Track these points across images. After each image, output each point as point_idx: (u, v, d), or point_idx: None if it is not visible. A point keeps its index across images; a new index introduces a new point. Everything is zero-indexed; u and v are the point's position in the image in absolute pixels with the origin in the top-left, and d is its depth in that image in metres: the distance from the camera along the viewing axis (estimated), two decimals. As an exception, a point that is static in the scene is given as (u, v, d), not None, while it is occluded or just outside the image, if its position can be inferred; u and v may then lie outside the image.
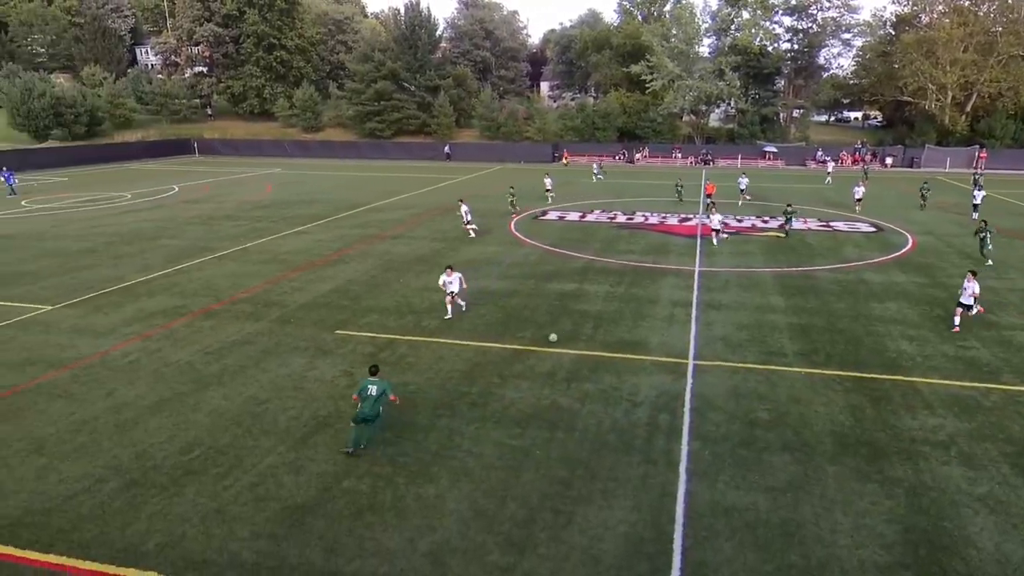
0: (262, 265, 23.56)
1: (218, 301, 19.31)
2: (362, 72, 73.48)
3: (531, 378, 14.01)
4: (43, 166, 58.06)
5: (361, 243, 27.13)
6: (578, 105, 73.39)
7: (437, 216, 33.12)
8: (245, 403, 12.87)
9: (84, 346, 15.86)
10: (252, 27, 76.54)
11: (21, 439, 11.64)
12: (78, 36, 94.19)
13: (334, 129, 78.53)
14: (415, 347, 15.64)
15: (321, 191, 43.55)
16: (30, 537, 9.11)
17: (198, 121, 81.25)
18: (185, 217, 33.31)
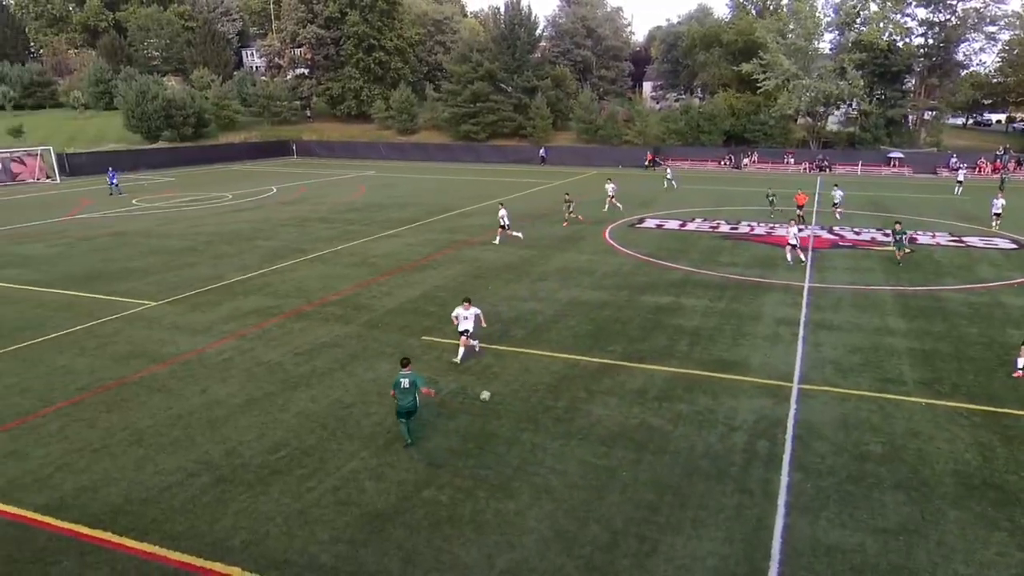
0: (352, 268, 24.49)
1: (309, 303, 20.24)
2: (459, 73, 75.08)
3: (620, 395, 13.91)
4: (153, 166, 62.69)
5: (450, 248, 27.71)
6: (682, 107, 72.16)
7: (528, 222, 33.35)
8: (331, 406, 13.44)
9: (183, 342, 17.02)
10: (353, 28, 79.73)
11: (124, 429, 12.63)
12: (190, 40, 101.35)
13: (429, 131, 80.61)
14: (501, 357, 15.84)
15: (413, 194, 44.78)
16: (127, 524, 9.87)
17: (297, 123, 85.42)
18: (280, 218, 35.10)
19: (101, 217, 36.54)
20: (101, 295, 21.27)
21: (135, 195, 45.02)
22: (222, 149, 72.14)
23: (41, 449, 11.98)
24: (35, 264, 25.59)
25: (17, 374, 15.23)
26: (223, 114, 79.12)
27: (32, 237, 30.87)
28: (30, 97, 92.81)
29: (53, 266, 25.17)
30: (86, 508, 10.25)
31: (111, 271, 24.35)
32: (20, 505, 10.33)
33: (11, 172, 53.38)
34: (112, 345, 16.90)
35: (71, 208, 39.66)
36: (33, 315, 19.43)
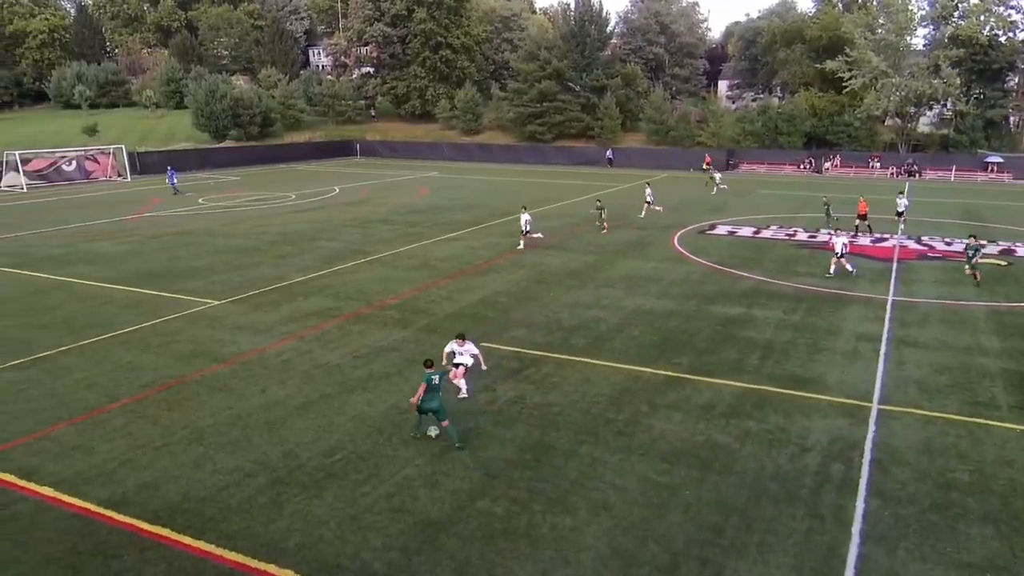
0: (412, 271, 24.90)
1: (368, 305, 20.69)
2: (526, 71, 75.29)
3: (685, 410, 13.75)
4: (220, 165, 65.17)
5: (512, 252, 27.87)
6: (760, 107, 70.69)
7: (592, 227, 33.28)
8: (387, 411, 13.71)
9: (244, 342, 17.64)
10: (420, 26, 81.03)
11: (185, 427, 13.18)
12: (258, 39, 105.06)
13: (493, 132, 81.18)
14: (561, 366, 15.86)
15: (476, 196, 45.19)
16: (185, 522, 10.29)
17: (361, 122, 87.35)
18: (342, 219, 35.98)
19: (169, 216, 38.21)
20: (166, 293, 22.25)
21: (201, 194, 46.88)
22: (287, 149, 74.41)
23: (106, 444, 12.61)
24: (105, 261, 26.94)
25: (86, 369, 16.07)
26: (289, 113, 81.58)
27: (103, 235, 32.52)
28: (105, 96, 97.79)
29: (122, 263, 26.44)
30: (147, 504, 10.73)
31: (177, 269, 25.43)
32: (85, 498, 10.89)
33: (85, 170, 56.36)
34: (175, 343, 17.66)
35: (141, 206, 41.59)
36: (102, 312, 20.46)
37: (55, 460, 12.03)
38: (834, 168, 63.36)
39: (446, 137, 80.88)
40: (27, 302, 21.67)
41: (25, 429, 13.18)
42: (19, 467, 11.79)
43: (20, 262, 26.98)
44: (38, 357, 16.85)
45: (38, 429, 13.18)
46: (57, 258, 27.63)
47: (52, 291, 22.87)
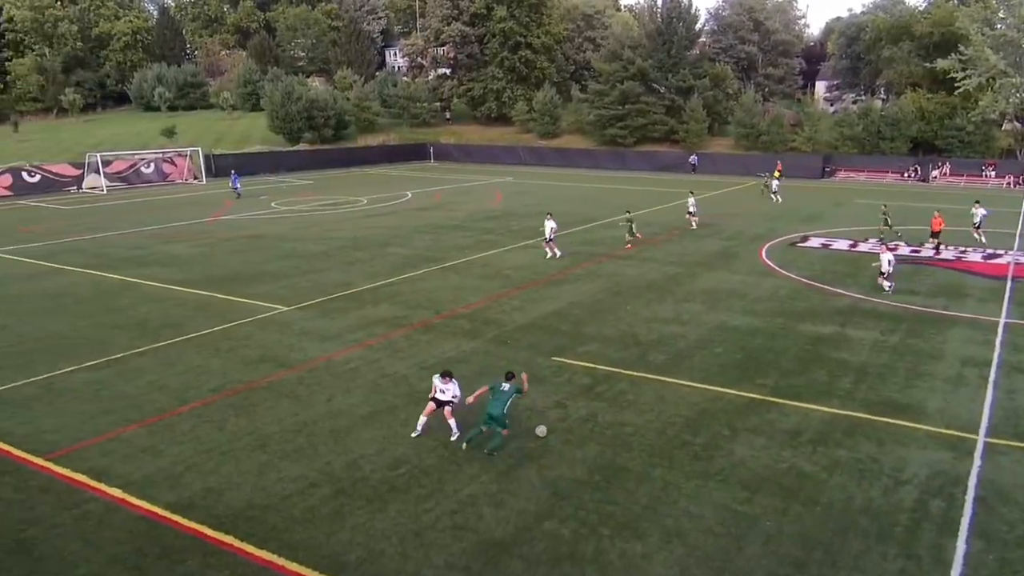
0: (484, 280, 25.19)
1: (438, 314, 21.06)
2: (608, 72, 74.77)
3: (769, 435, 13.47)
4: (293, 168, 67.43)
5: (589, 262, 27.86)
6: (861, 109, 68.06)
7: (675, 236, 32.94)
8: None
9: (311, 349, 18.23)
10: (499, 25, 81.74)
11: (250, 434, 13.72)
12: (335, 39, 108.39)
13: (572, 135, 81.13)
14: (637, 384, 15.79)
15: (552, 203, 45.17)
16: (248, 530, 10.72)
17: (436, 125, 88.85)
18: (414, 225, 36.71)
19: (241, 219, 39.82)
20: (237, 297, 23.20)
21: (274, 198, 48.63)
22: (360, 152, 76.34)
23: (175, 447, 13.25)
24: (179, 263, 28.30)
25: (157, 372, 16.92)
26: (363, 116, 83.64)
27: (178, 237, 34.18)
28: (183, 98, 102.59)
29: (195, 266, 27.71)
30: (211, 510, 11.22)
31: (247, 273, 26.48)
32: (152, 501, 11.46)
33: (163, 172, 59.31)
34: (244, 348, 18.39)
35: (215, 209, 43.49)
36: (175, 314, 21.51)
37: (125, 461, 12.72)
38: (943, 176, 60.70)
39: (522, 141, 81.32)
40: (103, 302, 22.97)
41: (98, 429, 13.99)
42: (91, 467, 12.52)
43: (99, 263, 28.63)
44: (112, 358, 17.83)
45: (110, 430, 13.96)
46: (134, 259, 29.18)
47: (127, 292, 24.18)
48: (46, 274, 27.03)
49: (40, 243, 33.11)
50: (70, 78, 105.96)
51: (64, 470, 12.45)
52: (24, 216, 42.28)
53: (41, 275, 26.88)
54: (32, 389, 16.00)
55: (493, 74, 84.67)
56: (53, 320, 21.14)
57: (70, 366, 17.32)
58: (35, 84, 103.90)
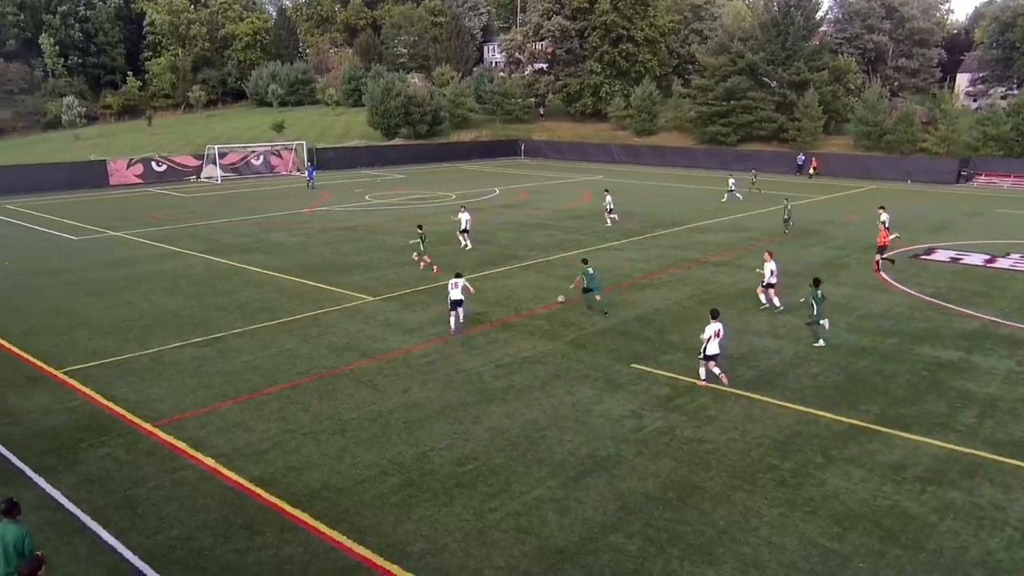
0: (566, 280, 24.74)
1: (516, 313, 21.05)
2: (714, 66, 71.88)
3: (869, 467, 12.40)
4: (389, 162, 68.79)
5: (677, 267, 27.02)
6: (1013, 105, 59.53)
7: (775, 242, 31.78)
8: (524, 426, 13.86)
9: (392, 340, 18.57)
10: (601, 18, 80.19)
11: (331, 418, 14.10)
12: (436, 36, 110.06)
13: (669, 133, 78.89)
14: (721, 398, 15.16)
15: (642, 203, 44.24)
16: (322, 509, 11.02)
17: (529, 121, 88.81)
18: (499, 222, 36.80)
19: (337, 211, 40.93)
20: (328, 286, 23.89)
21: (369, 191, 49.74)
22: (452, 147, 77.17)
23: (263, 424, 13.79)
24: (279, 251, 29.35)
25: (252, 352, 17.66)
26: (458, 112, 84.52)
27: (279, 226, 35.45)
28: (293, 94, 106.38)
29: (293, 254, 28.70)
30: (290, 487, 11.61)
31: (339, 263, 27.22)
32: (240, 473, 12.00)
33: (270, 164, 61.57)
34: (331, 335, 18.93)
35: (314, 201, 44.82)
36: (272, 299, 22.36)
37: (219, 434, 13.39)
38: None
39: (617, 138, 79.87)
40: (211, 285, 24.17)
41: (198, 402, 14.80)
42: (190, 437, 13.29)
43: (210, 248, 30.09)
44: (214, 337, 18.76)
45: (208, 404, 14.74)
46: (240, 246, 30.46)
47: (232, 276, 25.32)
48: (166, 256, 28.63)
49: (162, 227, 35.02)
50: (197, 76, 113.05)
51: (168, 437, 13.29)
52: (151, 202, 44.79)
53: (162, 257, 28.52)
54: (146, 360, 17.17)
55: (591, 69, 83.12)
56: (169, 298, 22.53)
57: (179, 341, 18.44)
58: (168, 82, 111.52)
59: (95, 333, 19.27)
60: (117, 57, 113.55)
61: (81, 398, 15.11)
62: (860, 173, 60.46)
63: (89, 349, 18.01)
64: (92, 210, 41.21)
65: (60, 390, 15.55)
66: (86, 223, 36.41)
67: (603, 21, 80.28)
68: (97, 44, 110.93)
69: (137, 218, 37.93)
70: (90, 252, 29.67)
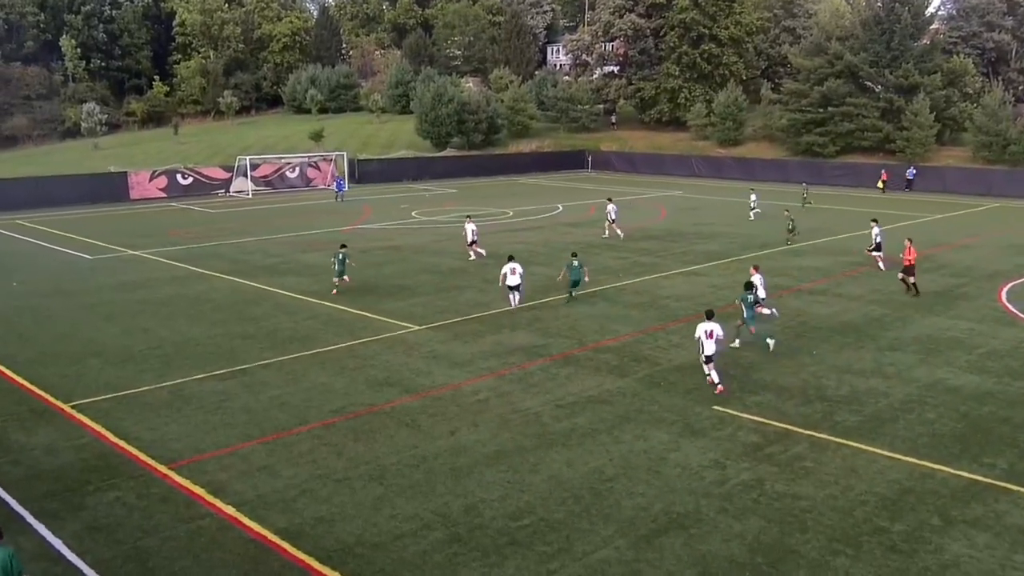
0: (637, 309, 24.75)
1: (581, 346, 20.86)
2: (809, 68, 71.53)
3: (996, 531, 11.88)
4: (438, 176, 69.65)
5: (768, 295, 26.56)
6: None
7: (869, 271, 30.91)
8: (588, 475, 13.62)
9: (439, 374, 18.56)
10: (680, 15, 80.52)
11: (368, 463, 14.09)
12: (494, 36, 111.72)
13: (757, 143, 78.37)
14: (819, 448, 14.72)
15: (726, 222, 43.82)
16: (355, 568, 10.92)
17: (597, 130, 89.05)
18: (562, 242, 36.72)
19: (380, 229, 41.53)
20: (368, 312, 24.12)
21: (416, 206, 50.37)
22: (510, 159, 77.84)
23: (291, 469, 13.84)
24: (314, 273, 29.85)
25: (281, 387, 17.86)
26: (517, 119, 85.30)
27: (315, 245, 36.07)
28: (334, 100, 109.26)
29: (329, 277, 28.98)
30: (320, 541, 11.56)
31: (381, 287, 27.56)
32: (263, 524, 12.02)
33: (307, 177, 63.09)
34: (369, 368, 19.03)
35: (354, 218, 45.62)
36: (305, 327, 22.67)
37: (242, 479, 13.48)
38: None
39: (697, 149, 79.41)
40: (238, 310, 24.68)
41: (219, 442, 14.98)
42: (209, 481, 13.40)
43: (238, 269, 30.83)
44: (239, 369, 19.06)
45: (230, 444, 14.90)
46: (270, 267, 31.10)
47: (261, 301, 25.82)
48: (189, 278, 29.42)
49: (186, 246, 36.10)
50: (229, 80, 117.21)
51: (184, 481, 13.43)
52: (174, 218, 46.26)
53: (185, 279, 29.32)
54: (164, 394, 17.53)
55: (668, 71, 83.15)
56: (191, 325, 23.06)
57: (200, 373, 18.78)
58: (197, 87, 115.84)
59: (108, 363, 19.77)
60: (143, 60, 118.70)
61: (90, 435, 15.43)
62: (980, 189, 59.44)
63: (100, 380, 18.46)
64: (110, 226, 42.76)
65: (67, 426, 15.93)
66: (103, 241, 37.74)
67: (682, 19, 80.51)
68: (122, 46, 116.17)
69: (159, 235, 39.16)
70: (106, 273, 30.67)
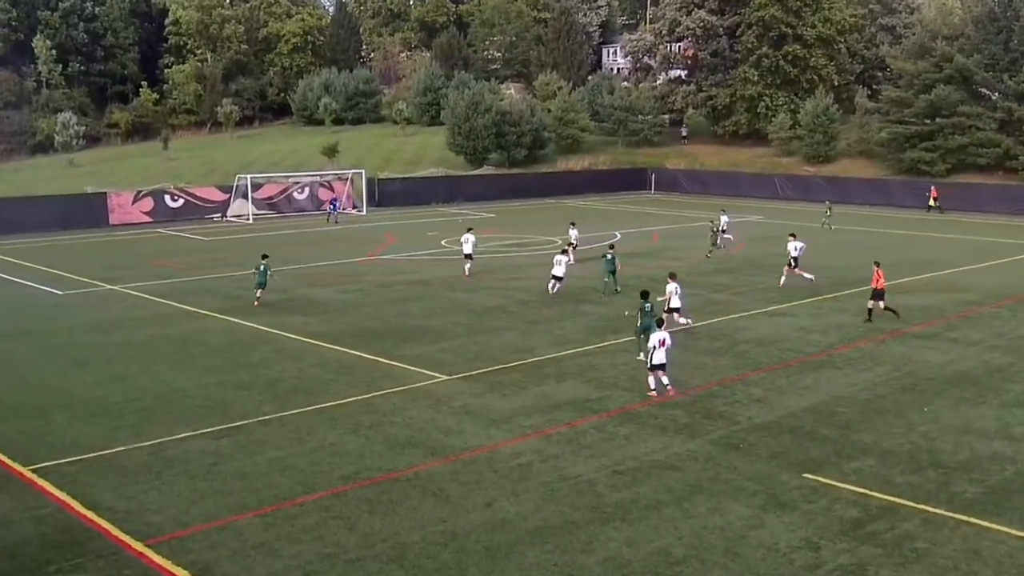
0: (711, 356, 24.55)
1: (642, 400, 20.64)
2: (912, 72, 71.60)
3: None
4: (474, 197, 70.21)
5: (866, 339, 26.56)
6: None
7: (1006, 307, 30.28)
8: (652, 557, 13.38)
9: (472, 433, 18.42)
10: (758, 12, 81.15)
11: (386, 540, 13.91)
12: (540, 36, 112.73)
13: (852, 160, 78.19)
14: (934, 526, 14.40)
15: (816, 253, 43.25)
16: (369, 674, 10.72)
17: (662, 144, 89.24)
18: (621, 275, 36.50)
19: (404, 260, 41.82)
20: (388, 359, 24.15)
21: (445, 234, 50.58)
22: (559, 178, 78.27)
23: (292, 547, 13.70)
24: (324, 312, 30.10)
25: (282, 447, 17.80)
26: (566, 132, 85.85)
27: (326, 279, 36.50)
28: (351, 109, 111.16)
29: (342, 316, 29.31)
30: (327, 641, 11.39)
31: (404, 329, 27.65)
32: (259, 618, 11.88)
33: (318, 199, 63.91)
34: (389, 425, 18.95)
35: (373, 246, 46.12)
36: (312, 375, 22.71)
37: (233, 559, 13.34)
38: None
39: (781, 167, 79.28)
40: (233, 356, 24.84)
41: (207, 513, 14.87)
42: (194, 561, 13.25)
43: (234, 307, 31.17)
44: (233, 426, 19.06)
45: (221, 516, 14.78)
46: (272, 305, 31.35)
47: (260, 345, 25.99)
48: (176, 317, 29.81)
49: (174, 279, 36.72)
50: (229, 87, 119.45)
51: (164, 561, 13.29)
52: (160, 247, 47.16)
53: (171, 318, 29.71)
54: (142, 455, 17.48)
55: (745, 76, 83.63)
56: (177, 373, 23.22)
57: (187, 430, 18.77)
58: (192, 94, 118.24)
59: (77, 417, 19.83)
60: (129, 63, 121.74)
61: (53, 504, 15.40)
62: None
63: (68, 439, 18.48)
64: (85, 256, 43.69)
65: (26, 493, 15.90)
66: (76, 273, 38.43)
67: (761, 17, 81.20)
68: (105, 47, 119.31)
69: (142, 267, 39.88)
70: (77, 310, 31.18)
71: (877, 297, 28.44)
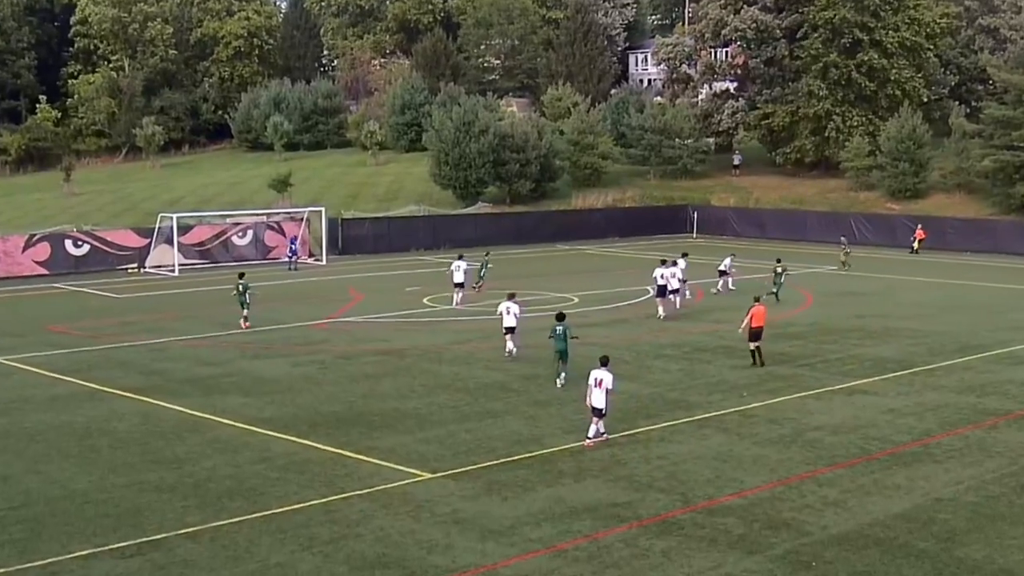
0: (773, 447, 24.49)
1: (685, 505, 20.45)
2: (1020, 86, 72.41)
3: None
4: (464, 243, 69.68)
5: (973, 425, 26.51)
6: None
7: None
8: None
9: (463, 549, 18.07)
10: (824, 12, 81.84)
11: None
12: (550, 39, 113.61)
13: (948, 195, 78.86)
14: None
15: (902, 313, 43.63)
16: None
17: (705, 175, 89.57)
18: (653, 343, 36.97)
19: (373, 323, 41.82)
20: (352, 452, 23.90)
21: (429, 290, 50.49)
22: (574, 218, 78.71)
23: None
24: (270, 391, 29.90)
25: (213, 569, 17.33)
26: (584, 159, 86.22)
27: (274, 348, 36.44)
28: (308, 131, 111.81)
29: (293, 397, 29.08)
30: None
31: (373, 412, 27.47)
32: None
33: (265, 246, 64.11)
34: (354, 539, 18.59)
35: (335, 305, 46.11)
36: (251, 473, 22.41)
37: None
38: None
39: (857, 203, 79.75)
40: (150, 448, 24.50)
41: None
42: None
43: (153, 384, 30.98)
44: (148, 540, 18.57)
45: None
46: (204, 381, 31.29)
47: (187, 434, 25.70)
48: (76, 398, 29.53)
49: (76, 349, 36.55)
50: (152, 102, 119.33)
51: None
52: (58, 307, 47.13)
53: (69, 399, 29.40)
54: (27, 582, 17.04)
55: (810, 90, 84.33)
56: (76, 471, 22.83)
57: (87, 547, 18.25)
58: (103, 111, 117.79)
59: (-58, 532, 19.44)
60: (23, 72, 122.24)
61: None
62: None
63: (-72, 561, 18.10)
64: (-43, 320, 43.30)
65: None
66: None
67: (828, 17, 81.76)
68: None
69: (33, 333, 39.68)
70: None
71: (755, 338, 32.82)
